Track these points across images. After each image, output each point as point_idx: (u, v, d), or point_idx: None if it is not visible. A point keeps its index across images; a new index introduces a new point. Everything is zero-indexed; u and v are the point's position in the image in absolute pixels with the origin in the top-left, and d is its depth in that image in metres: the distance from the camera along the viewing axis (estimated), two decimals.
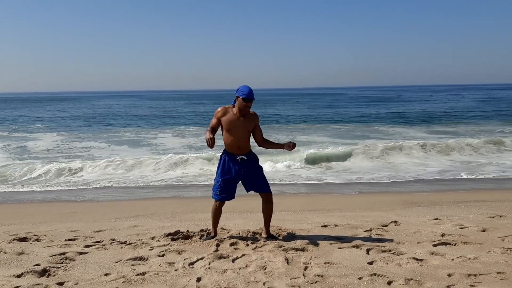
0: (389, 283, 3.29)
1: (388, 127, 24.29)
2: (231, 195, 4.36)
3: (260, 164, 4.44)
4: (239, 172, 4.28)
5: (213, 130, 4.26)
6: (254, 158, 4.39)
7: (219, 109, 4.29)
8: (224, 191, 4.31)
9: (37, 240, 4.64)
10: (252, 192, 4.44)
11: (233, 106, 4.28)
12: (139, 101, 71.31)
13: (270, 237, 4.51)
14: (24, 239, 4.64)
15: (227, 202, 4.45)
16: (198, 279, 3.40)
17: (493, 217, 5.57)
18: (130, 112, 41.78)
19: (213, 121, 4.28)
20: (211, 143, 3.96)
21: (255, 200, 4.38)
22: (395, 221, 5.30)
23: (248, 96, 4.14)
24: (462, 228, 4.96)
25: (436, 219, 5.49)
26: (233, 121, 4.23)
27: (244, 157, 4.29)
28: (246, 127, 4.27)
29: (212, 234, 4.57)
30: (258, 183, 4.35)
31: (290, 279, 3.38)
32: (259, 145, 4.48)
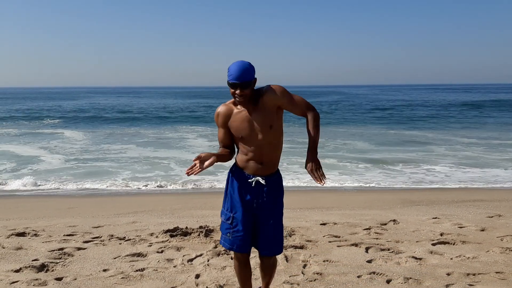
0: (388, 281, 3.29)
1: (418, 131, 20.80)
2: (249, 237, 2.59)
3: (282, 194, 2.66)
4: (251, 205, 2.57)
5: (226, 148, 2.62)
6: (275, 185, 2.61)
7: (218, 111, 2.57)
8: (238, 232, 2.56)
9: (36, 235, 4.64)
10: None
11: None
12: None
13: None
14: (22, 234, 4.63)
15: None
16: (197, 276, 3.40)
17: (492, 216, 5.58)
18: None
19: (219, 134, 2.63)
20: (190, 170, 2.37)
21: None
22: (394, 220, 5.30)
23: (234, 79, 2.38)
24: (461, 227, 4.97)
25: (435, 218, 5.50)
26: (242, 121, 2.50)
27: (262, 180, 2.54)
28: (266, 119, 2.47)
29: None
30: (265, 232, 2.58)
31: (289, 276, 3.39)
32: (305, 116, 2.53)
